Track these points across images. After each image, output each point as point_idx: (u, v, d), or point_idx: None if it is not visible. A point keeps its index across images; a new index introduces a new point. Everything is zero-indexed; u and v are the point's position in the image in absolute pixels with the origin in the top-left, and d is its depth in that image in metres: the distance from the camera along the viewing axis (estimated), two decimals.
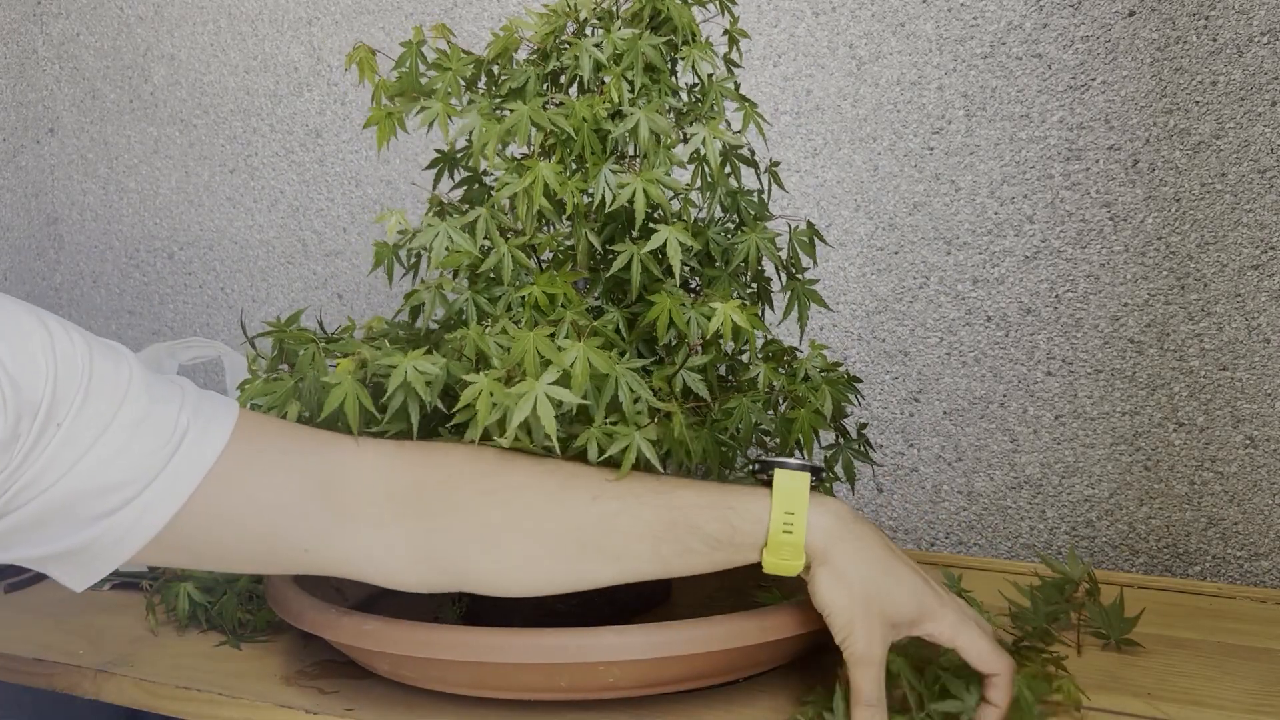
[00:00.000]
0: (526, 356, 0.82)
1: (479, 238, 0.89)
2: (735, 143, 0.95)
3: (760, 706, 0.88)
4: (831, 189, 1.33)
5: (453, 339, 0.87)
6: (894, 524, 1.34)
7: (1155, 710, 0.86)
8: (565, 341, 0.84)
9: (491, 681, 0.86)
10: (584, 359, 0.82)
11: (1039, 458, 1.26)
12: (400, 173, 1.58)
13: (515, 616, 0.95)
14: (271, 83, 1.65)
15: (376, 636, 0.86)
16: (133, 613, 1.13)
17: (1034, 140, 1.23)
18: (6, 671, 1.04)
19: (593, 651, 0.82)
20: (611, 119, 0.90)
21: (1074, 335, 1.23)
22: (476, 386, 0.81)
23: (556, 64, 0.93)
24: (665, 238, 0.89)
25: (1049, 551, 1.26)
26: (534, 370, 0.82)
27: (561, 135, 0.89)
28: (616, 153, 0.92)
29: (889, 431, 1.33)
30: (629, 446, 0.83)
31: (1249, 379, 1.17)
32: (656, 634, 0.83)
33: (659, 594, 1.05)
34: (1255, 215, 1.15)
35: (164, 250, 1.77)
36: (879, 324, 1.33)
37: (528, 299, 0.89)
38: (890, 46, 1.29)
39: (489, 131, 0.89)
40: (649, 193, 0.88)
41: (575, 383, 0.81)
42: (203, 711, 0.93)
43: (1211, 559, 1.20)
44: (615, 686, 0.85)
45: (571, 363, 0.82)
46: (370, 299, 1.64)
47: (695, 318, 0.89)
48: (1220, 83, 1.15)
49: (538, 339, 0.82)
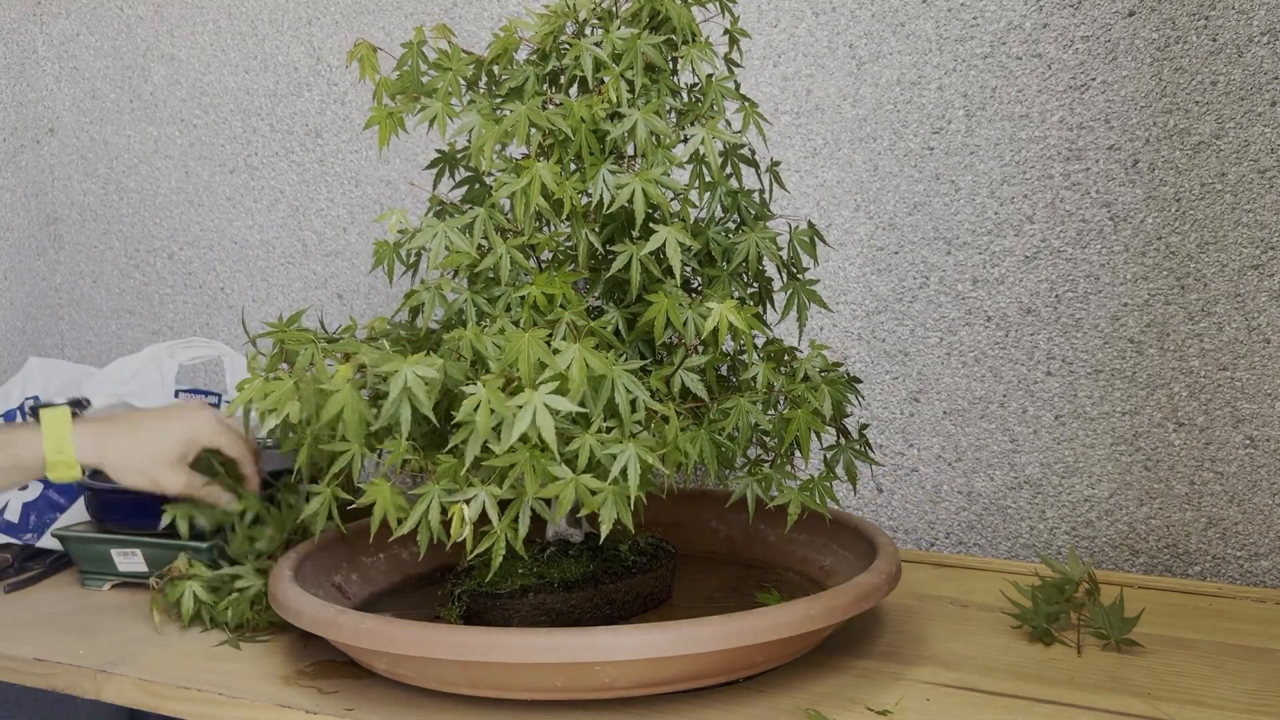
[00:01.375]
0: (521, 359, 0.82)
1: (477, 238, 0.89)
2: (735, 142, 0.95)
3: (760, 706, 0.88)
4: (831, 189, 1.33)
5: (451, 339, 0.87)
6: (894, 524, 1.34)
7: (1155, 710, 0.86)
8: (561, 343, 0.83)
9: (488, 681, 0.86)
10: (580, 361, 0.82)
11: (1039, 458, 1.26)
12: (400, 173, 1.58)
13: (515, 617, 0.95)
14: (271, 82, 1.65)
15: (374, 635, 0.86)
16: (133, 613, 1.13)
17: (1034, 140, 1.23)
18: (6, 671, 1.04)
19: (588, 651, 0.82)
20: (610, 119, 0.90)
21: (1074, 335, 1.23)
22: (475, 398, 0.81)
23: (556, 64, 0.93)
24: (665, 238, 0.89)
25: (1049, 551, 1.26)
26: (529, 373, 0.81)
27: (560, 135, 0.89)
28: (615, 153, 0.92)
29: (889, 431, 1.33)
30: (628, 461, 0.83)
31: (1249, 379, 1.17)
32: (653, 634, 0.83)
33: (660, 594, 1.05)
34: (1255, 215, 1.15)
35: (164, 250, 1.77)
36: (879, 324, 1.33)
37: (526, 299, 0.89)
38: (890, 46, 1.29)
39: (488, 132, 0.89)
40: (648, 193, 0.88)
41: (572, 386, 0.81)
42: (203, 711, 0.93)
43: (1211, 559, 1.20)
44: (613, 687, 0.85)
45: (567, 365, 0.82)
46: (370, 299, 1.64)
47: (692, 318, 0.89)
48: (1220, 83, 1.15)
49: (533, 341, 0.82)
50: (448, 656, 0.83)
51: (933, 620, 1.06)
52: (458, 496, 0.84)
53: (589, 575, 0.98)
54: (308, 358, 0.90)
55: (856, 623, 1.00)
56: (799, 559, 1.15)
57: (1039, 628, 1.00)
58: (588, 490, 0.82)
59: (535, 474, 0.82)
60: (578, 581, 0.97)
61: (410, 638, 0.85)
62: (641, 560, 1.02)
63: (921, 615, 1.07)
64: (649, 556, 1.03)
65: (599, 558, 1.01)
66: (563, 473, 0.82)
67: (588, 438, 0.83)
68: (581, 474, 0.83)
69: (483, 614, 0.96)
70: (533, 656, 0.82)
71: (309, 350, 0.91)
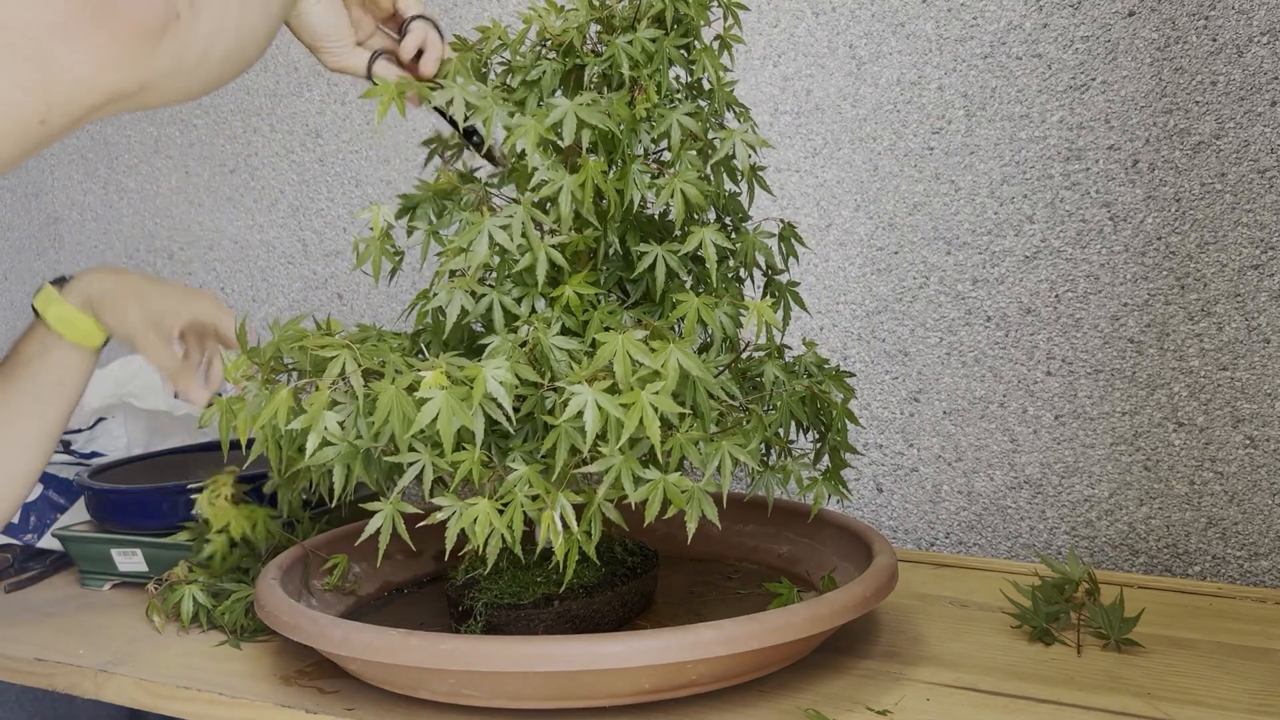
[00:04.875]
0: (619, 359, 0.80)
1: (516, 236, 0.86)
2: (763, 144, 0.94)
3: (763, 708, 0.88)
4: (831, 189, 1.33)
5: (507, 341, 0.84)
6: (894, 524, 1.34)
7: (1155, 710, 0.86)
8: (656, 343, 0.82)
9: (474, 688, 0.85)
10: (675, 362, 0.81)
11: (1039, 458, 1.26)
12: (400, 173, 1.58)
13: (540, 626, 0.94)
14: (271, 83, 1.65)
15: (349, 644, 0.85)
16: (133, 613, 1.13)
17: (1034, 140, 1.23)
18: (6, 671, 1.04)
19: (609, 659, 0.81)
20: (646, 120, 0.90)
21: (1074, 335, 1.23)
22: (582, 397, 0.79)
23: (576, 60, 0.92)
24: (701, 238, 0.89)
25: (1049, 551, 1.26)
26: (626, 374, 0.80)
27: (606, 133, 0.88)
28: (650, 153, 0.92)
29: (889, 431, 1.33)
30: (722, 460, 0.83)
31: (1249, 379, 1.17)
32: (686, 636, 0.82)
33: (652, 594, 1.05)
34: (1255, 215, 1.15)
35: (164, 250, 1.77)
36: (879, 324, 1.33)
37: (559, 299, 0.87)
38: (890, 46, 1.29)
39: (531, 126, 0.87)
40: (686, 194, 0.88)
41: (667, 386, 0.80)
42: (203, 711, 0.93)
43: (1211, 559, 1.20)
44: (637, 692, 0.85)
45: (662, 365, 0.80)
46: (370, 299, 1.64)
47: (723, 318, 0.89)
48: (1220, 83, 1.15)
49: (628, 341, 0.81)
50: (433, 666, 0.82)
51: (933, 620, 1.06)
52: (544, 504, 0.81)
53: (604, 579, 0.98)
54: (338, 365, 0.84)
55: (856, 623, 1.00)
56: (750, 549, 1.16)
57: (1039, 628, 1.00)
58: (677, 490, 0.81)
59: (629, 477, 0.80)
60: (597, 586, 0.97)
61: (386, 646, 0.83)
62: (637, 561, 1.02)
63: (921, 615, 1.07)
64: (641, 557, 1.03)
65: (603, 561, 1.01)
66: (651, 474, 0.81)
67: (680, 437, 0.82)
68: (669, 474, 0.81)
69: (504, 626, 0.94)
70: (554, 665, 0.81)
71: (387, 356, 0.85)
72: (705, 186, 0.89)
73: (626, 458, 0.80)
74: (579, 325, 0.87)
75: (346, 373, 0.84)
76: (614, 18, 0.92)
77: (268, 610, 0.92)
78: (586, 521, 0.82)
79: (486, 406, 0.80)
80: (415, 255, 0.94)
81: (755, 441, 0.86)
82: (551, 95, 0.90)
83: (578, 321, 0.87)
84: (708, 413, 0.84)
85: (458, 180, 0.93)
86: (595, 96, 0.88)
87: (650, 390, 0.79)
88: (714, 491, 0.84)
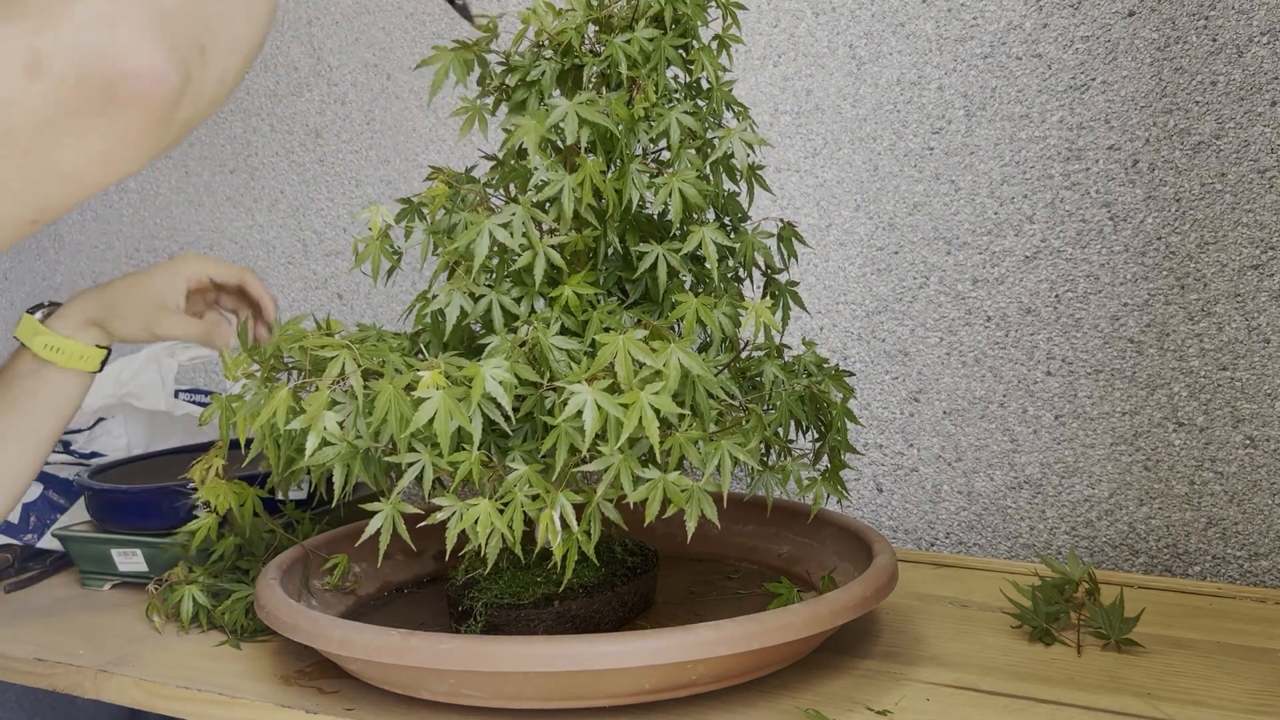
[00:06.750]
0: (620, 359, 0.80)
1: (517, 236, 0.86)
2: (761, 143, 0.94)
3: (763, 708, 0.88)
4: (831, 189, 1.33)
5: (507, 341, 0.84)
6: (894, 524, 1.34)
7: (1155, 710, 0.86)
8: (657, 343, 0.82)
9: (474, 688, 0.85)
10: (676, 362, 0.81)
11: (1039, 458, 1.26)
12: (400, 173, 1.58)
13: (540, 626, 0.94)
14: (271, 83, 1.65)
15: (349, 644, 0.85)
16: (133, 612, 1.13)
17: (1034, 140, 1.23)
18: (6, 671, 1.04)
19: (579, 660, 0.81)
20: (644, 119, 0.90)
21: (1074, 335, 1.23)
22: (581, 397, 0.79)
23: (574, 60, 0.92)
24: (701, 238, 0.89)
25: (1049, 551, 1.26)
26: (628, 375, 0.80)
27: (605, 133, 0.88)
28: (648, 153, 0.92)
29: (889, 431, 1.33)
30: (721, 459, 0.82)
31: (1249, 379, 1.17)
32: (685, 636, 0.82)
33: (652, 594, 1.05)
34: (1255, 215, 1.15)
35: (164, 250, 1.77)
36: (879, 324, 1.33)
37: (558, 300, 0.87)
38: (890, 46, 1.29)
39: (533, 126, 0.87)
40: (684, 193, 0.87)
41: (668, 387, 0.80)
42: (203, 711, 0.93)
43: (1211, 559, 1.20)
44: (636, 692, 0.85)
45: (663, 364, 0.80)
46: (370, 299, 1.64)
47: (721, 318, 0.89)
48: (1220, 83, 1.15)
49: (629, 341, 0.80)
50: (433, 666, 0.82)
51: (932, 620, 1.06)
52: (544, 504, 0.81)
53: (604, 579, 0.98)
54: (338, 365, 0.84)
55: (856, 623, 1.00)
56: (750, 549, 1.16)
57: (1039, 628, 1.00)
58: (677, 489, 0.81)
59: (629, 476, 0.80)
60: (597, 586, 0.97)
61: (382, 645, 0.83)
62: (637, 561, 1.02)
63: (921, 615, 1.07)
64: (640, 557, 1.03)
65: (602, 561, 1.01)
66: (651, 474, 0.81)
67: (679, 436, 0.82)
68: (668, 474, 0.81)
69: (504, 626, 0.94)
70: (554, 666, 0.80)
71: (387, 356, 0.85)
72: (704, 186, 0.88)
73: (626, 457, 0.80)
74: (578, 325, 0.87)
75: (346, 373, 0.84)
76: (612, 18, 0.92)
77: (268, 610, 0.92)
78: (586, 521, 0.82)
79: (485, 406, 0.80)
80: (415, 255, 0.94)
81: (755, 441, 0.86)
82: (550, 95, 0.90)
83: (577, 321, 0.87)
84: (707, 412, 0.84)
85: (449, 189, 0.93)
86: (593, 96, 0.88)
87: (650, 390, 0.79)
88: (713, 491, 0.84)
